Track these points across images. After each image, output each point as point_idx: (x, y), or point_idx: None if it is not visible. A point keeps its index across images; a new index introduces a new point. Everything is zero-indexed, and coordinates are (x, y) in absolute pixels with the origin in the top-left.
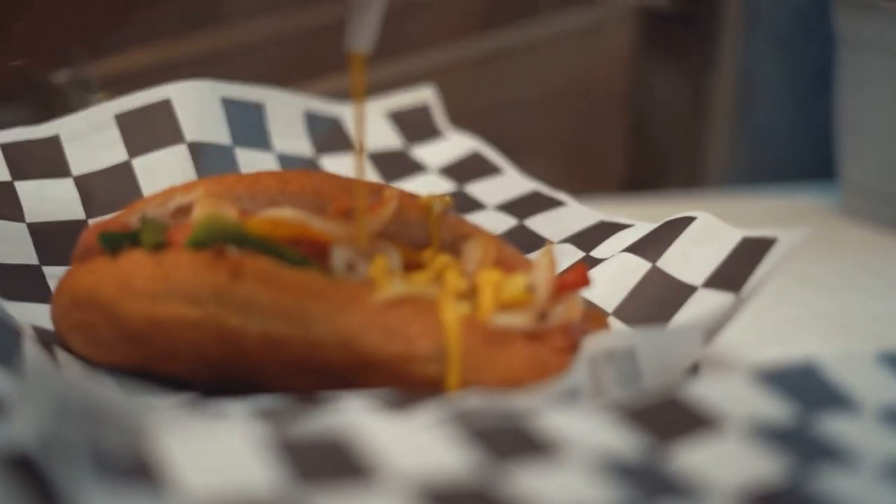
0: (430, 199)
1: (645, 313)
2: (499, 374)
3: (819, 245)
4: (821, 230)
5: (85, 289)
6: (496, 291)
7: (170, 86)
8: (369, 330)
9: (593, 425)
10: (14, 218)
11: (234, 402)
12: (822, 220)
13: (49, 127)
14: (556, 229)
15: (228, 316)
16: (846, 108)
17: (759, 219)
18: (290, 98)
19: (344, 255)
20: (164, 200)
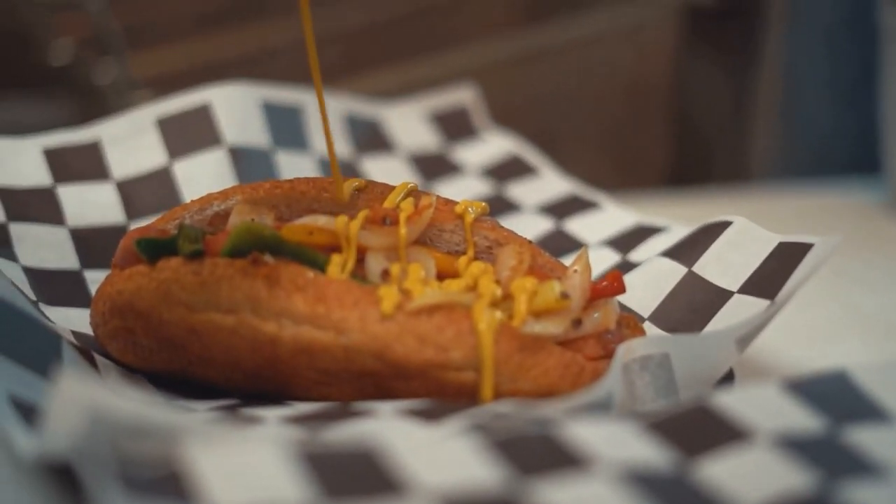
0: (466, 206)
1: (681, 318)
2: (533, 382)
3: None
4: (865, 227)
5: (124, 296)
6: (531, 299)
7: (210, 90)
8: (403, 337)
9: (622, 436)
10: (55, 222)
11: (269, 409)
12: (866, 217)
13: (90, 131)
14: (592, 232)
15: (264, 323)
16: (893, 105)
17: (802, 215)
18: (330, 100)
19: (379, 263)
20: (201, 207)
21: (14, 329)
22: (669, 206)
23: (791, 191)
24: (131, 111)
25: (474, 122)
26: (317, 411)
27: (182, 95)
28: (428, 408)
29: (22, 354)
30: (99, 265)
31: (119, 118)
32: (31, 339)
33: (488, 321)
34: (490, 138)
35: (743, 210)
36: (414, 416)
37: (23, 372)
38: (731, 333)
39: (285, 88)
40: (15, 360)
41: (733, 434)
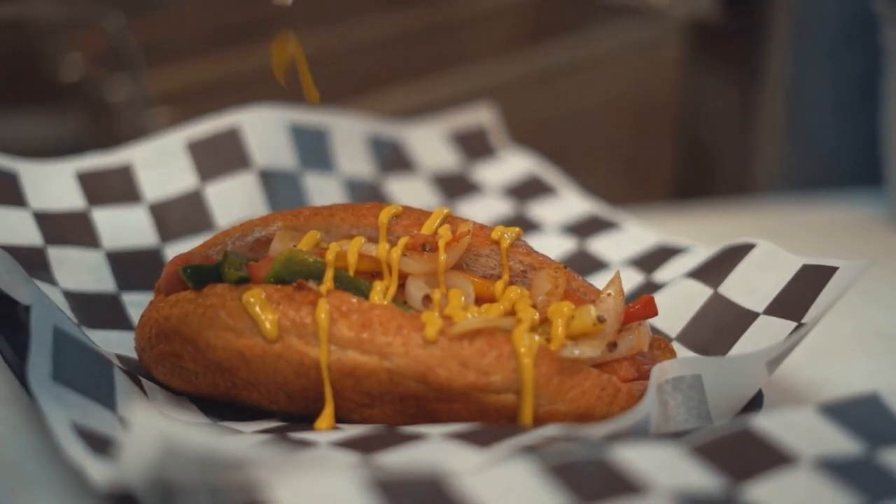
0: (502, 232)
1: (707, 339)
2: (571, 404)
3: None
4: (871, 241)
5: (170, 321)
6: (568, 323)
7: (239, 114)
8: (446, 362)
9: (673, 461)
10: (91, 245)
11: (319, 433)
12: (871, 231)
13: (121, 155)
14: (615, 252)
15: (309, 348)
16: (894, 118)
17: (809, 229)
18: (354, 122)
19: (420, 289)
20: (243, 233)
21: (70, 357)
22: (676, 221)
23: (796, 204)
24: (161, 134)
25: (493, 142)
26: (367, 435)
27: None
28: (475, 431)
29: (79, 382)
30: (135, 287)
31: (150, 142)
32: (85, 366)
33: (528, 345)
34: (509, 158)
35: (749, 224)
36: (463, 439)
37: (81, 399)
38: (761, 356)
39: (309, 109)
40: (73, 388)
41: (777, 458)
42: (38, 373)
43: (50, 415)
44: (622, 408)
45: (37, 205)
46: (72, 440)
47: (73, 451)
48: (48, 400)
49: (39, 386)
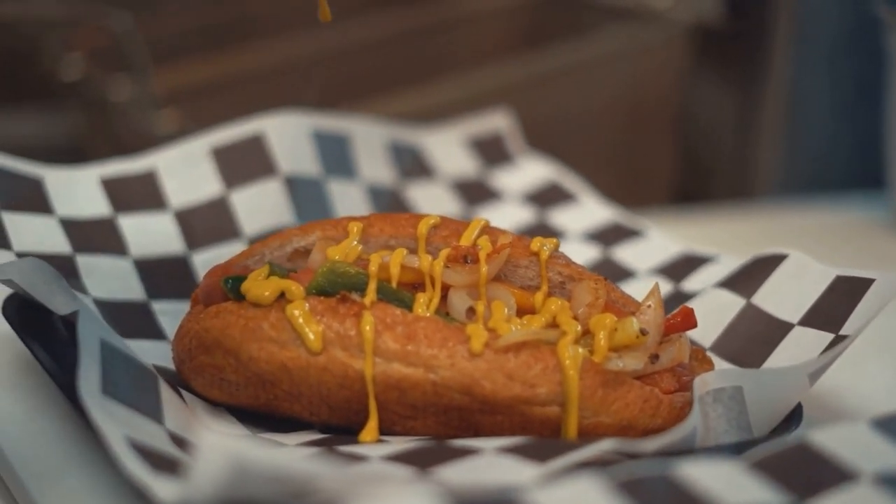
0: (541, 243)
1: (741, 349)
2: (614, 416)
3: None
4: (872, 245)
5: (211, 333)
6: (611, 335)
7: (263, 120)
8: (492, 374)
9: (737, 478)
10: (119, 253)
11: (367, 447)
12: (871, 235)
13: (145, 161)
14: (640, 261)
15: (354, 360)
16: None
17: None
18: (373, 128)
19: (463, 301)
20: (281, 243)
21: (118, 370)
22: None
23: (796, 208)
24: (184, 141)
25: (511, 148)
26: (418, 449)
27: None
28: (529, 445)
29: (127, 395)
30: (163, 296)
31: (173, 148)
32: (132, 379)
33: (573, 358)
34: (527, 164)
35: (749, 228)
36: (517, 453)
37: (131, 413)
38: (803, 368)
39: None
40: (123, 401)
41: (837, 474)
42: (89, 386)
43: (105, 430)
44: (664, 419)
45: (63, 211)
46: (130, 457)
47: (134, 469)
48: (101, 415)
49: (91, 400)
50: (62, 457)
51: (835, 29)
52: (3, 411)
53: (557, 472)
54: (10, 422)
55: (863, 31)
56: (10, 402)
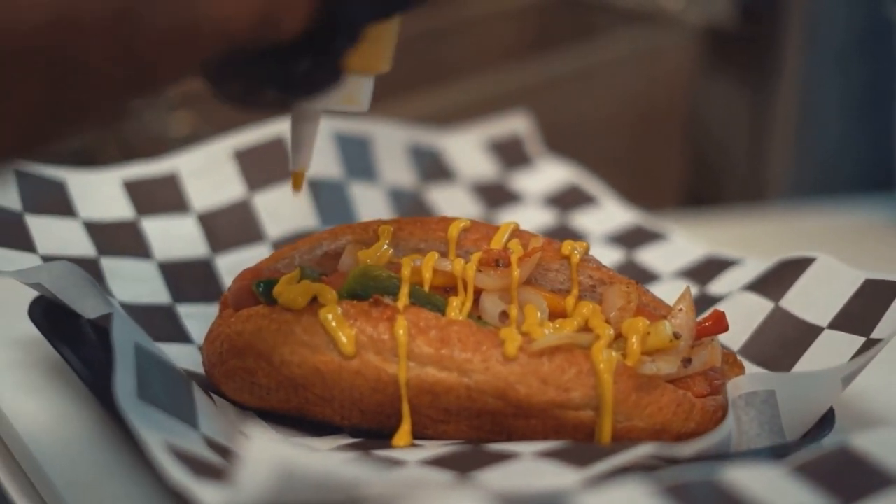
0: (572, 247)
1: (771, 353)
2: (648, 420)
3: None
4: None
5: (244, 337)
6: (644, 339)
7: (285, 122)
8: (526, 378)
9: (781, 483)
10: (143, 256)
11: (403, 452)
12: (885, 237)
13: (166, 163)
14: (664, 263)
15: (387, 365)
16: None
17: (821, 235)
18: (395, 130)
19: (496, 305)
20: (310, 247)
21: (153, 374)
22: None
23: (807, 211)
24: (205, 143)
25: (530, 151)
26: (456, 453)
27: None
28: (567, 449)
29: (163, 400)
30: (189, 299)
31: (195, 151)
32: (167, 383)
33: (607, 362)
34: (546, 166)
35: (760, 230)
36: (557, 458)
37: (168, 418)
38: (837, 372)
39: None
40: (159, 407)
41: (881, 479)
42: (125, 391)
43: (145, 436)
44: (697, 423)
45: (86, 214)
46: (173, 463)
47: (178, 475)
48: (140, 420)
49: (129, 405)
50: (96, 463)
51: (846, 32)
52: (31, 416)
53: (599, 476)
54: (39, 427)
55: (874, 33)
56: (38, 407)
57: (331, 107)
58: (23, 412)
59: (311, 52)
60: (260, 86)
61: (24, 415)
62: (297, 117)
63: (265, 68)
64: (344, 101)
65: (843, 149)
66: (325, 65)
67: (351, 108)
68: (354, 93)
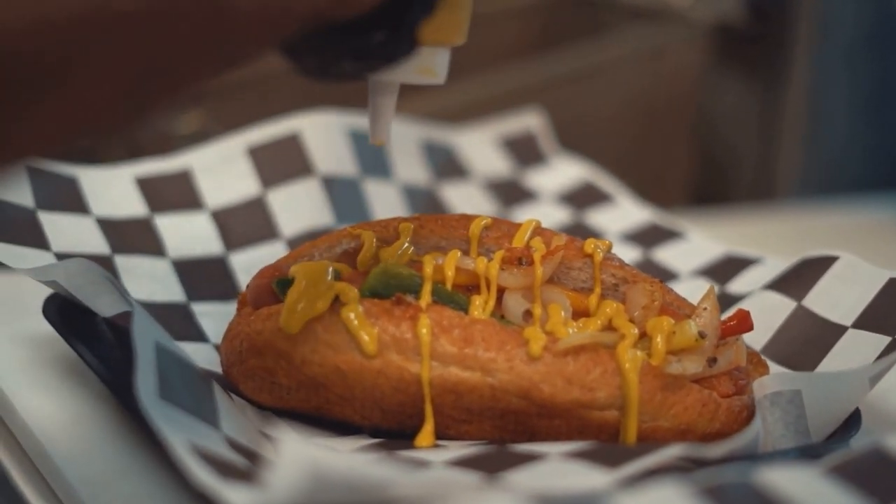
0: (595, 245)
1: (794, 352)
2: (673, 420)
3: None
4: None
5: (263, 335)
6: (669, 339)
7: (300, 119)
8: (550, 378)
9: (817, 484)
10: (157, 254)
11: (427, 452)
12: (892, 236)
13: (179, 160)
14: (682, 262)
15: (410, 364)
16: None
17: (830, 234)
18: (408, 127)
19: (519, 303)
20: (330, 245)
21: (174, 374)
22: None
23: (817, 209)
24: (220, 140)
25: (544, 148)
26: (482, 454)
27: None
28: (595, 450)
29: (185, 400)
30: (204, 297)
31: (208, 147)
32: (188, 383)
33: (633, 361)
34: (560, 164)
35: (769, 229)
36: (586, 458)
37: (190, 419)
38: (865, 372)
39: None
40: (181, 406)
41: None
42: (147, 390)
43: (168, 436)
44: (722, 424)
45: (99, 211)
46: (198, 464)
47: (203, 476)
48: (163, 420)
49: (151, 404)
50: (114, 462)
51: (855, 29)
52: (47, 415)
53: (630, 478)
54: (55, 426)
55: (883, 31)
56: (53, 406)
57: (407, 79)
58: (38, 411)
59: (387, 23)
60: (337, 59)
61: (40, 414)
62: (374, 90)
63: (342, 42)
64: (420, 72)
65: (851, 146)
66: (400, 36)
67: (427, 80)
68: (431, 64)
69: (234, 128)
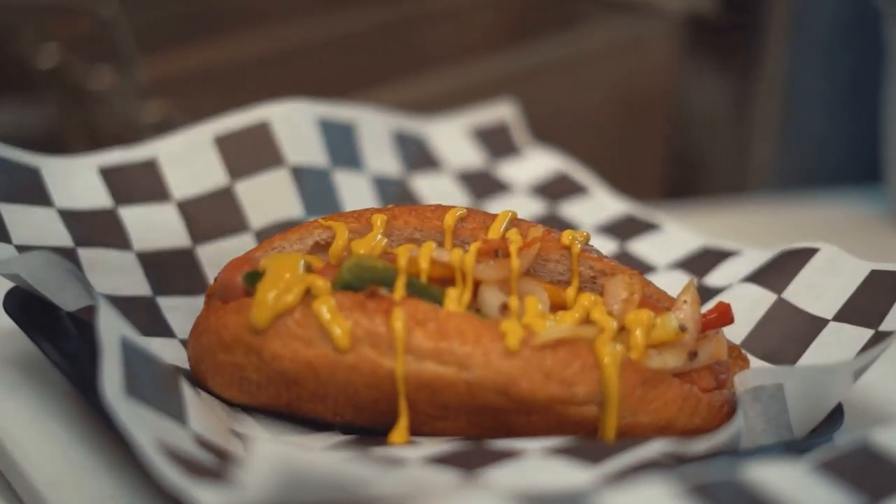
0: (572, 236)
1: (774, 346)
2: (653, 415)
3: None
4: (868, 239)
5: (232, 330)
6: (649, 332)
7: (268, 108)
8: (529, 373)
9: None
10: (122, 246)
11: (402, 449)
12: (867, 229)
13: (145, 149)
14: (659, 255)
15: (383, 359)
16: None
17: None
18: (379, 117)
19: (496, 296)
20: (301, 236)
21: (141, 369)
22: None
23: (790, 202)
24: (186, 129)
25: (516, 139)
26: (459, 451)
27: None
28: (576, 447)
29: (152, 396)
30: (170, 291)
31: (175, 136)
32: (155, 379)
33: (612, 355)
34: (534, 155)
35: (744, 222)
36: (566, 455)
37: (157, 416)
38: (848, 366)
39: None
40: (148, 403)
41: None
42: (113, 387)
43: (134, 434)
44: (703, 419)
45: (62, 203)
46: (165, 462)
47: (171, 475)
48: (129, 417)
49: (117, 402)
50: (79, 462)
51: (831, 20)
52: (9, 413)
53: (612, 475)
54: (16, 425)
55: (860, 22)
56: (15, 404)
57: None
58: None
59: None
60: None
61: (1, 413)
62: None
63: None
64: None
65: (828, 139)
66: None
67: None
68: None
69: (199, 118)
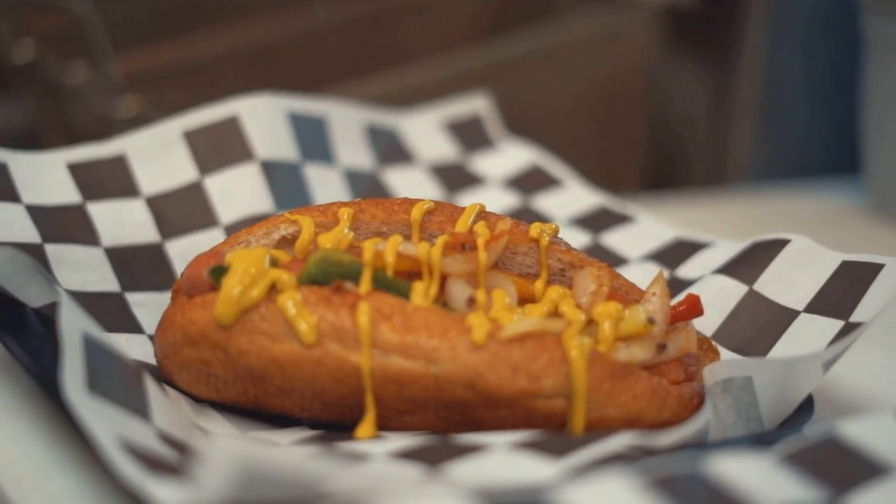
0: (540, 229)
1: (745, 338)
2: (622, 408)
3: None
4: (847, 230)
5: (198, 325)
6: (617, 325)
7: (238, 102)
8: (496, 367)
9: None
10: (90, 242)
11: (368, 444)
12: (846, 220)
13: (113, 145)
14: (632, 247)
15: (350, 354)
16: (873, 108)
17: (783, 218)
18: (351, 111)
19: (463, 290)
20: (267, 231)
21: (103, 366)
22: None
23: (769, 194)
24: (156, 124)
25: (490, 132)
26: (424, 446)
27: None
28: (541, 441)
29: (115, 393)
30: (139, 287)
31: (143, 131)
32: (119, 375)
33: (580, 348)
34: (508, 148)
35: (725, 214)
36: (531, 449)
37: (119, 412)
38: (817, 357)
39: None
40: (110, 399)
41: (871, 467)
42: (74, 384)
43: (94, 430)
44: (672, 412)
45: (29, 199)
46: (123, 458)
47: (129, 472)
48: (89, 413)
49: (77, 398)
50: (43, 459)
51: (810, 12)
52: None
53: (577, 469)
54: None
55: (839, 14)
56: None
57: None
58: None
59: None
60: None
61: None
62: None
63: None
64: None
65: (807, 131)
66: None
67: None
68: None
69: (174, 113)
